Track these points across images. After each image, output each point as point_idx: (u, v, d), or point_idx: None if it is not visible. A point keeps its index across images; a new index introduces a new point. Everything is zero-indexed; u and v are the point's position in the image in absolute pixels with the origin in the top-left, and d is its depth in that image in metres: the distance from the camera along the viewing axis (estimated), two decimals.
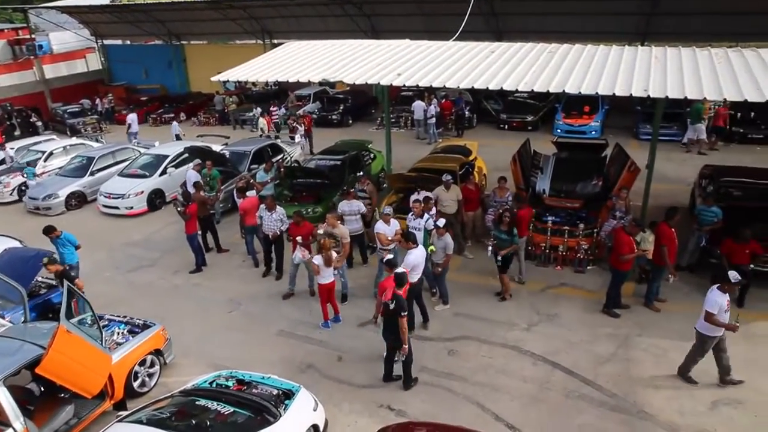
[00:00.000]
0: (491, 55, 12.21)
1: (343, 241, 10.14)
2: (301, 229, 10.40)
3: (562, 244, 11.11)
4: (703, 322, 7.76)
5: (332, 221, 10.27)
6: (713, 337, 7.78)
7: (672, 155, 18.10)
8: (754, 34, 21.62)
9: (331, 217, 10.40)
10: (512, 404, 7.84)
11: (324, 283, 9.51)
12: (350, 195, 11.54)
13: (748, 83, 9.42)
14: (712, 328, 7.70)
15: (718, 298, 7.62)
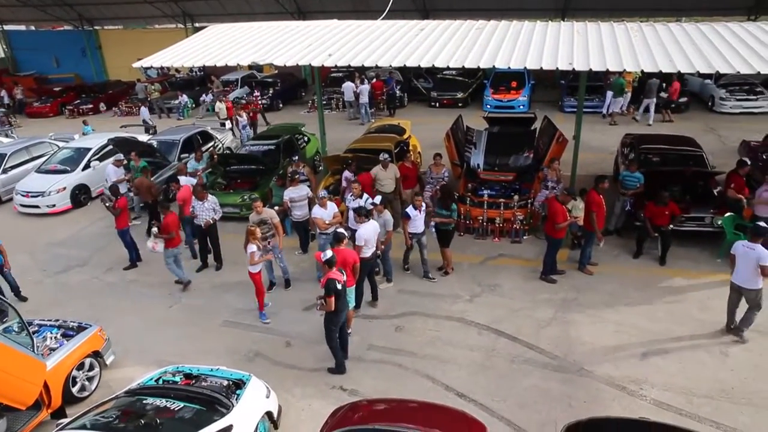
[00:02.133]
0: (420, 33, 12.29)
1: (273, 222, 10.01)
2: (166, 218, 10.34)
3: (498, 216, 11.46)
4: (756, 279, 8.07)
5: (258, 207, 10.02)
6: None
7: (595, 126, 18.96)
8: (665, 10, 22.90)
9: (256, 203, 10.11)
10: (461, 373, 8.08)
11: (256, 271, 9.35)
12: (295, 182, 11.45)
13: (661, 55, 9.98)
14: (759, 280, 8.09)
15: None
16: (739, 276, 8.30)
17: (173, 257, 10.47)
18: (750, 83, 20.54)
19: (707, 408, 7.27)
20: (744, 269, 8.21)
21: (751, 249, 8.11)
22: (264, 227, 9.72)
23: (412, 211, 9.95)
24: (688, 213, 10.79)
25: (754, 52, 9.83)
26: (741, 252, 8.24)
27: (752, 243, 8.13)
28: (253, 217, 10.00)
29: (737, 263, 8.30)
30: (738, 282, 8.34)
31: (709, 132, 18.10)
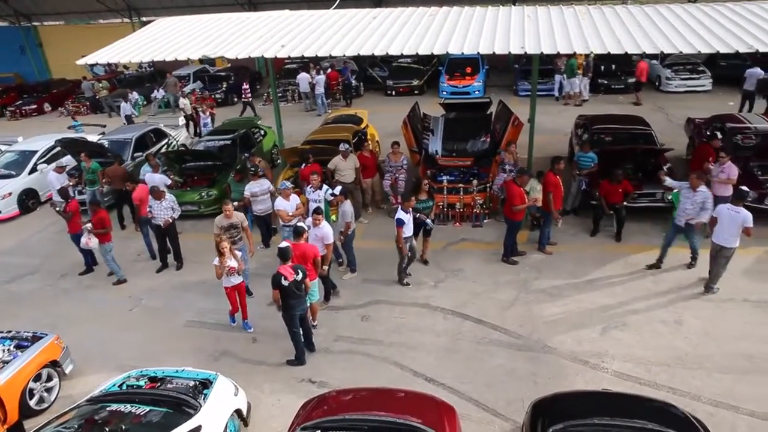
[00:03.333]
0: (373, 22, 12.21)
1: (243, 225, 9.65)
2: (94, 216, 10.21)
3: (458, 201, 11.59)
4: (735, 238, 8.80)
5: (228, 211, 9.48)
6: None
7: (549, 108, 19.34)
8: None
9: (226, 207, 9.53)
10: (428, 358, 8.17)
11: (232, 285, 8.85)
12: (256, 176, 11.31)
13: (609, 36, 10.19)
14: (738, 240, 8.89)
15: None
16: (721, 236, 8.90)
17: (110, 252, 10.57)
18: (693, 63, 21.29)
19: (664, 375, 7.58)
20: (728, 230, 8.83)
21: (736, 212, 8.75)
22: (233, 231, 9.40)
23: (404, 215, 9.24)
24: (641, 190, 11.16)
25: (694, 33, 10.14)
26: (726, 214, 8.86)
27: (736, 207, 8.78)
28: (220, 221, 9.48)
29: (721, 225, 8.90)
30: (719, 242, 8.94)
31: (657, 111, 18.69)
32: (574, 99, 20.40)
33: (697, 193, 9.41)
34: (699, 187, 9.41)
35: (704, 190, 9.44)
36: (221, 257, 8.60)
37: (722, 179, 10.35)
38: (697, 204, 9.40)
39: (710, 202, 9.33)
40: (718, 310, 8.80)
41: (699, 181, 9.44)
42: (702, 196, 9.38)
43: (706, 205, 9.33)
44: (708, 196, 9.40)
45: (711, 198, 9.40)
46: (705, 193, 9.41)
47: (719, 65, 21.22)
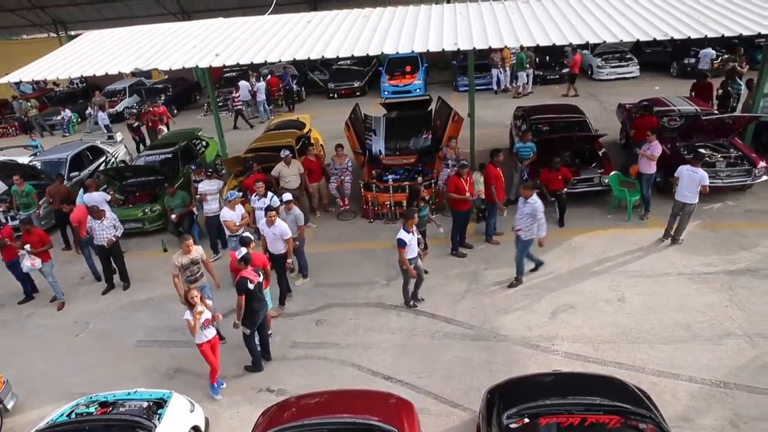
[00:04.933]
0: (308, 26, 12.23)
1: (203, 260, 8.70)
2: (31, 236, 9.96)
3: (405, 199, 11.68)
4: (695, 195, 9.79)
5: (188, 246, 8.46)
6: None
7: (488, 102, 19.76)
8: None
9: (186, 242, 8.50)
10: (385, 357, 8.25)
11: (207, 340, 7.68)
12: (212, 175, 11.45)
13: (538, 30, 10.55)
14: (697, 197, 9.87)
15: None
16: (682, 194, 9.91)
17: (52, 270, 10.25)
18: (621, 51, 22.20)
19: (611, 351, 7.91)
20: (687, 188, 9.82)
21: (694, 172, 9.74)
22: (193, 268, 8.56)
23: (406, 235, 8.53)
24: (579, 176, 11.58)
25: (616, 23, 10.63)
26: (686, 175, 9.84)
27: (695, 167, 9.75)
28: (179, 258, 8.48)
29: (681, 184, 9.88)
30: (681, 199, 9.94)
31: (591, 98, 19.39)
32: (522, 90, 20.95)
33: (527, 204, 9.04)
34: (530, 198, 9.04)
35: (534, 201, 9.01)
36: (192, 309, 7.48)
37: (647, 155, 10.85)
38: (525, 215, 9.03)
39: (541, 213, 8.99)
40: (657, 285, 9.24)
41: (529, 191, 9.10)
42: (530, 207, 8.98)
43: (536, 216, 8.97)
44: (538, 207, 8.96)
45: (542, 208, 9.02)
46: (534, 204, 8.98)
47: (645, 52, 22.21)
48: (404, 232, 8.55)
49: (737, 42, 19.31)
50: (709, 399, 7.01)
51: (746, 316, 8.35)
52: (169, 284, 10.59)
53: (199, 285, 8.43)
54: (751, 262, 9.64)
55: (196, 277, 8.60)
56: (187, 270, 8.52)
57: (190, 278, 8.53)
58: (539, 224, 9.06)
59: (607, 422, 5.42)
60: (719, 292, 8.96)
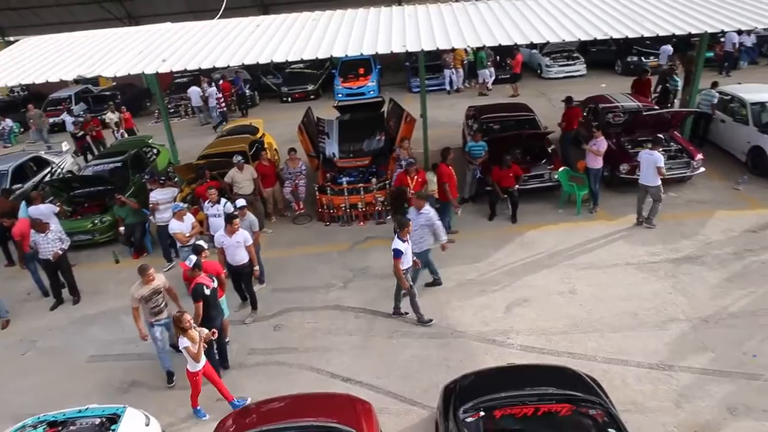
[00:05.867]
0: (257, 30, 12.14)
1: (167, 288, 8.07)
2: None
3: (360, 201, 11.77)
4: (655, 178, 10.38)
5: (150, 276, 7.74)
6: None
7: (441, 102, 20.00)
8: None
9: (148, 272, 7.74)
10: (344, 359, 8.26)
11: (199, 368, 7.27)
12: (167, 183, 11.25)
13: (485, 31, 10.77)
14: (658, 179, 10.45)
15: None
16: (644, 177, 10.52)
17: None
18: (568, 50, 22.83)
19: (564, 342, 8.13)
20: (647, 171, 10.44)
21: (650, 155, 10.38)
22: (156, 298, 7.85)
23: (401, 244, 8.18)
24: (530, 172, 11.87)
25: (559, 23, 10.94)
26: (645, 158, 10.48)
27: (652, 150, 10.42)
28: (138, 289, 7.75)
29: (642, 167, 10.51)
30: (643, 182, 10.55)
31: (540, 96, 19.87)
32: (481, 88, 21.30)
33: (420, 215, 8.68)
34: (422, 209, 8.72)
35: (427, 211, 8.72)
36: (186, 335, 6.99)
37: (594, 150, 11.22)
38: (420, 226, 8.65)
39: (437, 221, 8.78)
40: (605, 275, 9.55)
41: (422, 202, 8.79)
42: (425, 218, 8.67)
43: (433, 225, 8.72)
44: (432, 216, 8.74)
45: (436, 216, 8.82)
46: (428, 214, 8.70)
47: (591, 51, 22.93)
48: (399, 241, 8.17)
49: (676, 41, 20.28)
50: (656, 382, 7.30)
51: (688, 302, 8.73)
52: (122, 296, 10.34)
53: (163, 317, 7.88)
54: (692, 250, 10.08)
55: (160, 308, 7.89)
56: (149, 302, 7.78)
57: (154, 310, 7.84)
58: (437, 231, 8.79)
59: (559, 410, 5.59)
60: (664, 279, 9.34)
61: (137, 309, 7.85)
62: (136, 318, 7.88)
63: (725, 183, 12.36)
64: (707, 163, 12.14)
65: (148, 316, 7.89)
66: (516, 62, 20.49)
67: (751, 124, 12.63)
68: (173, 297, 8.19)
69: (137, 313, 7.87)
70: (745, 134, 12.78)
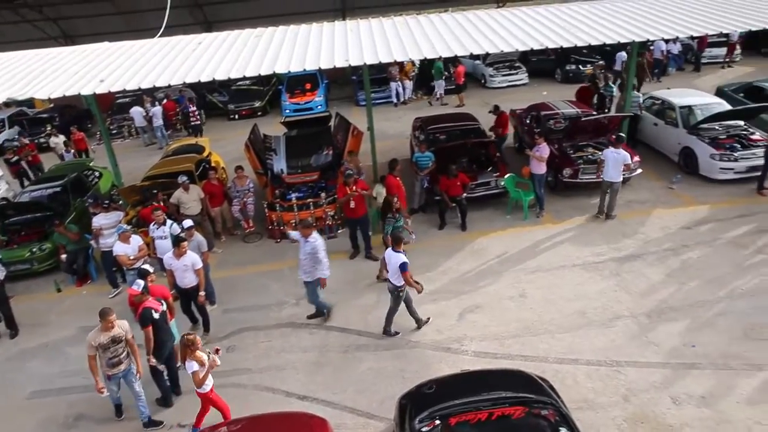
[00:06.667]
0: (198, 47, 11.96)
1: (127, 338, 7.30)
2: None
3: (310, 216, 11.66)
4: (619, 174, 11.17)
5: (111, 322, 7.08)
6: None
7: (389, 115, 20.23)
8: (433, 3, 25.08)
9: (109, 318, 7.09)
10: (299, 377, 8.16)
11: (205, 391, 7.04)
12: (111, 206, 11.04)
13: (425, 43, 10.94)
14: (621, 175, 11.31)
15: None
16: (608, 174, 11.19)
17: None
18: (510, 60, 23.51)
19: (516, 346, 8.29)
20: (613, 168, 11.11)
21: (617, 153, 11.06)
22: (116, 347, 7.18)
23: (403, 256, 8.23)
24: (476, 180, 12.10)
25: (497, 35, 11.24)
26: (611, 156, 11.13)
27: (617, 149, 11.08)
28: (96, 337, 7.08)
29: (607, 165, 11.18)
30: (608, 178, 11.24)
31: (485, 106, 20.20)
32: (440, 99, 21.65)
33: (307, 243, 8.53)
34: (309, 236, 8.53)
35: (314, 239, 8.51)
36: (195, 357, 6.76)
37: (537, 156, 11.56)
38: (307, 255, 8.55)
39: (322, 252, 8.52)
40: (553, 278, 9.81)
41: (309, 230, 8.58)
42: (311, 246, 8.48)
43: (317, 255, 8.49)
44: (318, 245, 8.46)
45: (322, 246, 8.55)
46: (314, 243, 8.49)
47: (532, 61, 23.67)
48: (399, 254, 8.19)
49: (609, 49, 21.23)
50: (605, 379, 7.52)
51: (632, 299, 9.07)
52: (65, 326, 10.05)
53: (123, 368, 7.26)
54: (634, 248, 10.48)
55: (120, 358, 7.21)
56: (107, 351, 7.12)
57: (112, 360, 7.17)
58: (320, 264, 8.55)
59: (512, 413, 5.67)
60: (608, 278, 9.66)
61: (94, 358, 7.09)
62: (93, 369, 7.13)
63: (661, 183, 12.94)
64: (644, 164, 12.66)
65: (104, 368, 7.22)
66: (458, 73, 20.89)
67: (681, 126, 13.30)
68: (134, 350, 7.43)
69: (94, 363, 7.12)
70: (675, 136, 13.44)
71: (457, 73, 20.91)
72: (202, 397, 7.08)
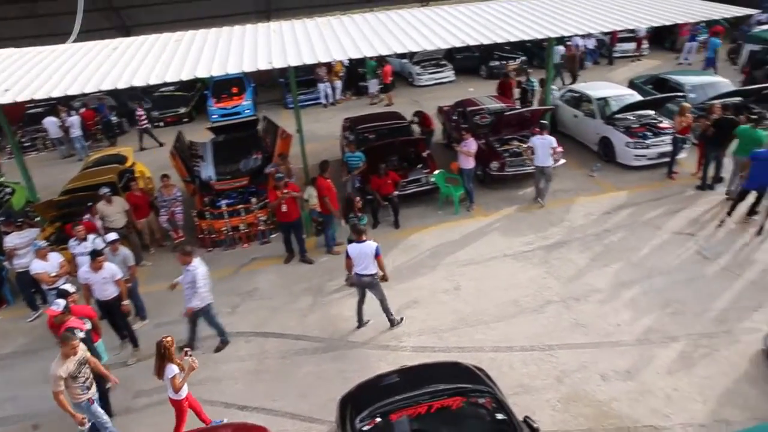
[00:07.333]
0: (114, 53, 11.46)
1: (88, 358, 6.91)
2: None
3: (241, 222, 11.48)
4: (548, 158, 11.72)
5: (74, 347, 6.57)
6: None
7: (318, 116, 20.12)
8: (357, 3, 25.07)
9: (73, 342, 6.59)
10: (238, 386, 7.98)
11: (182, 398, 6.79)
12: (25, 224, 10.51)
13: (349, 43, 10.96)
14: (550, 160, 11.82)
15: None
16: (539, 160, 11.76)
17: None
18: (436, 58, 23.88)
19: (453, 338, 8.45)
20: (542, 154, 11.67)
21: (543, 139, 11.70)
22: (83, 370, 6.72)
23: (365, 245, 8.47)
24: (407, 177, 12.24)
25: (420, 34, 11.40)
26: (538, 143, 11.74)
27: (543, 135, 11.72)
28: (60, 366, 6.47)
29: (537, 151, 11.71)
30: (539, 163, 11.79)
31: (413, 104, 20.55)
32: (377, 98, 21.74)
33: (187, 272, 7.93)
34: (189, 265, 7.94)
35: (193, 267, 7.93)
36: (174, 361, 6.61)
37: (464, 151, 11.83)
38: (188, 284, 7.97)
39: (202, 281, 7.97)
40: (486, 269, 10.07)
41: (187, 257, 7.98)
42: (191, 275, 7.90)
43: (196, 284, 7.96)
44: (198, 274, 7.90)
45: (203, 275, 8.00)
46: (194, 271, 7.92)
47: (457, 59, 24.16)
48: (368, 242, 8.50)
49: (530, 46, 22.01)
50: (539, 363, 7.80)
51: (560, 284, 9.45)
52: None
53: (93, 392, 6.85)
54: (560, 235, 10.92)
55: (90, 378, 6.81)
56: (77, 378, 6.61)
57: (86, 384, 6.72)
58: (197, 293, 7.99)
59: (451, 404, 5.78)
60: (538, 266, 10.02)
61: (62, 392, 6.46)
62: (63, 404, 6.51)
63: (582, 171, 13.56)
64: (566, 154, 13.21)
65: (76, 396, 6.68)
66: (385, 72, 21.04)
67: (598, 117, 13.98)
68: (98, 366, 7.08)
69: (63, 397, 6.49)
70: (594, 126, 14.12)
71: (384, 72, 21.02)
72: (177, 405, 6.81)
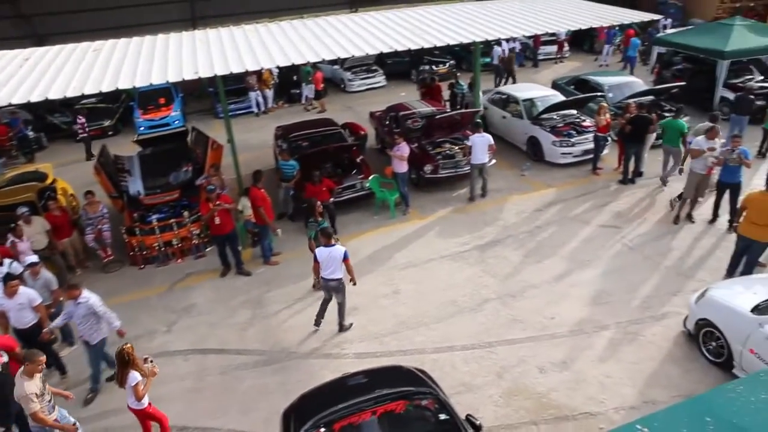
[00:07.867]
0: (25, 64, 10.85)
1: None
2: None
3: (174, 237, 11.11)
4: (485, 156, 12.25)
5: (37, 365, 6.26)
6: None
7: (250, 125, 19.77)
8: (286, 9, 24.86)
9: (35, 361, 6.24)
10: (177, 406, 7.68)
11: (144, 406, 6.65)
12: None
13: (277, 51, 10.86)
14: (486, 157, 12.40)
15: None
16: (477, 158, 12.17)
17: None
18: (367, 64, 24.00)
19: (394, 342, 8.51)
20: (480, 151, 12.11)
21: (482, 137, 12.10)
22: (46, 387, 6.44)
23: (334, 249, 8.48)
24: (342, 184, 12.24)
25: (349, 40, 11.45)
26: (477, 141, 12.09)
27: (480, 133, 12.14)
28: (29, 386, 6.16)
29: (475, 149, 12.10)
30: (476, 161, 12.22)
31: (346, 110, 20.62)
32: (310, 105, 21.52)
33: (78, 305, 7.49)
34: (79, 297, 7.48)
35: (85, 299, 7.52)
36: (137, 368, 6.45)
37: (398, 155, 11.97)
38: (83, 318, 7.55)
39: (100, 306, 7.60)
40: (424, 271, 10.21)
41: (75, 291, 7.49)
42: (84, 308, 7.50)
43: (97, 312, 7.58)
44: (93, 303, 7.54)
45: (98, 302, 7.62)
46: (87, 302, 7.51)
47: (388, 64, 24.38)
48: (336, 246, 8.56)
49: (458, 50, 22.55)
50: (480, 360, 7.98)
51: (497, 282, 9.71)
52: None
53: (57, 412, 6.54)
54: (495, 234, 11.23)
55: (53, 399, 6.56)
56: (43, 396, 6.31)
57: (51, 403, 6.44)
58: (107, 318, 7.73)
59: (394, 408, 5.81)
60: (474, 265, 10.26)
61: (39, 410, 6.20)
62: (46, 420, 6.28)
63: (513, 171, 14.01)
64: (497, 155, 13.58)
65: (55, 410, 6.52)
66: (316, 79, 20.97)
67: (525, 118, 14.49)
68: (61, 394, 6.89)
69: (42, 415, 6.23)
70: (522, 127, 14.62)
71: (315, 78, 20.93)
72: (140, 414, 6.68)
